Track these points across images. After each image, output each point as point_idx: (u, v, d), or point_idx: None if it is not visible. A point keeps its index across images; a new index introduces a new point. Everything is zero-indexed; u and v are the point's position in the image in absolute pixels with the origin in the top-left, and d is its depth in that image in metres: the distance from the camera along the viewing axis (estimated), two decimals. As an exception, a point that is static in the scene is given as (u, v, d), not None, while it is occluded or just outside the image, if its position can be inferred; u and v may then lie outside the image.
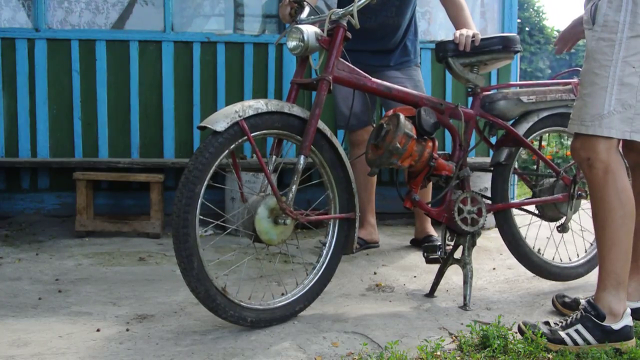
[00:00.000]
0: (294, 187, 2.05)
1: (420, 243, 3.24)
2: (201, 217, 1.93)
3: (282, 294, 2.12)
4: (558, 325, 1.94)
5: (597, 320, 1.88)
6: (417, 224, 3.35)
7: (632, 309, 2.01)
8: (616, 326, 1.87)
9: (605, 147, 1.87)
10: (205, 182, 1.91)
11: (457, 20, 2.83)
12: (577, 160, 1.95)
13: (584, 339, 1.87)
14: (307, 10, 2.27)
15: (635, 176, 2.15)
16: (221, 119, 1.92)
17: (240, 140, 1.96)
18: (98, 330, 1.99)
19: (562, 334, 1.89)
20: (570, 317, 1.94)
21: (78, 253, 3.08)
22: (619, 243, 1.88)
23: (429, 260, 2.40)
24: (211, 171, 1.92)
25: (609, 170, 1.87)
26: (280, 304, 2.08)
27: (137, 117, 4.00)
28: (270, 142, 2.24)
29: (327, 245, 2.20)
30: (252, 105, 1.98)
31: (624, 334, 1.88)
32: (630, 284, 2.08)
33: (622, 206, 1.87)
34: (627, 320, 1.89)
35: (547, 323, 1.96)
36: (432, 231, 3.30)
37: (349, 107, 3.04)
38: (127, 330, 2.00)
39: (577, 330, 1.88)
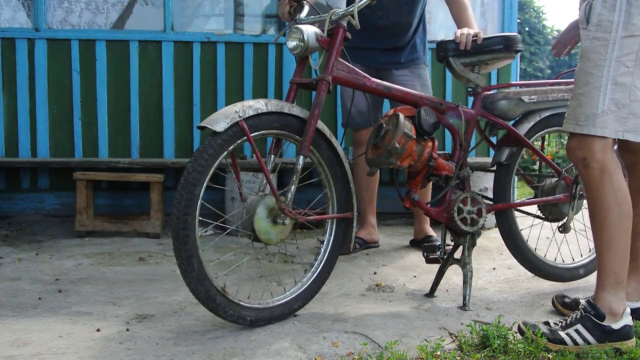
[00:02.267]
0: (292, 187, 2.05)
1: (420, 243, 3.24)
2: (200, 218, 1.93)
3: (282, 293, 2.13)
4: (558, 325, 1.93)
5: (596, 320, 1.87)
6: (415, 225, 3.35)
7: (632, 309, 2.01)
8: (616, 326, 1.87)
9: (600, 146, 1.87)
10: (205, 184, 1.91)
11: (460, 19, 2.83)
12: (573, 160, 1.95)
13: (584, 339, 1.87)
14: (306, 9, 2.27)
15: (631, 176, 2.15)
16: (221, 119, 1.91)
17: (239, 141, 1.96)
18: (98, 330, 1.99)
19: (562, 334, 1.89)
20: (570, 317, 1.93)
21: (78, 253, 3.08)
22: (617, 243, 1.88)
23: (429, 260, 2.40)
24: (210, 172, 1.91)
25: (605, 170, 1.87)
26: (279, 302, 2.08)
27: (137, 117, 4.00)
28: (270, 142, 2.24)
29: (324, 243, 2.21)
30: (252, 106, 1.97)
31: (624, 334, 1.87)
32: (630, 284, 2.08)
33: (619, 205, 1.87)
34: (627, 320, 1.89)
35: (547, 323, 1.96)
36: (430, 231, 3.30)
37: (356, 106, 3.04)
38: (127, 330, 1.99)
39: (577, 330, 1.88)
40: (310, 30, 2.08)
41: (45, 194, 3.99)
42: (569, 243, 2.76)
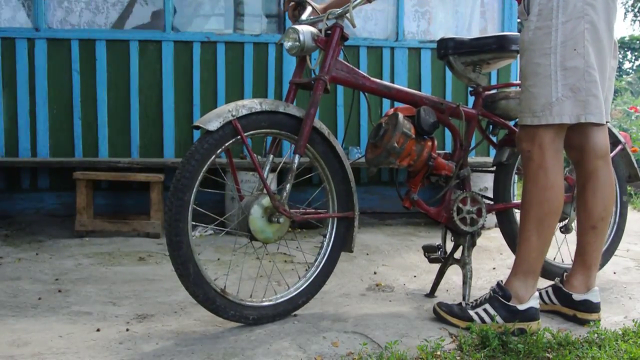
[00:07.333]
0: (288, 186, 2.05)
1: None
2: (194, 223, 1.92)
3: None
4: (469, 305, 2.03)
5: (503, 300, 1.97)
6: None
7: (578, 301, 2.09)
8: (521, 307, 1.96)
9: (548, 139, 1.92)
10: (195, 188, 1.89)
11: None
12: (519, 149, 2.02)
13: (491, 317, 1.95)
14: (308, 9, 2.27)
15: (577, 173, 2.16)
16: (214, 119, 1.91)
17: (232, 140, 1.95)
18: (98, 330, 1.99)
19: (471, 312, 1.99)
20: (481, 298, 2.04)
21: (78, 253, 3.08)
22: (537, 235, 1.96)
23: (431, 260, 2.40)
24: (200, 177, 1.90)
25: (542, 166, 1.93)
26: (282, 299, 2.09)
27: (137, 117, 4.00)
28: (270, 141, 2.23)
29: (327, 237, 2.21)
30: (246, 105, 1.97)
31: (529, 315, 1.96)
32: (577, 277, 2.14)
33: (546, 202, 1.94)
34: (533, 303, 1.98)
35: (460, 304, 2.06)
36: None
37: None
38: (127, 330, 1.99)
39: (485, 309, 1.98)
40: (306, 30, 2.08)
41: (45, 194, 3.99)
42: (570, 243, 2.76)
